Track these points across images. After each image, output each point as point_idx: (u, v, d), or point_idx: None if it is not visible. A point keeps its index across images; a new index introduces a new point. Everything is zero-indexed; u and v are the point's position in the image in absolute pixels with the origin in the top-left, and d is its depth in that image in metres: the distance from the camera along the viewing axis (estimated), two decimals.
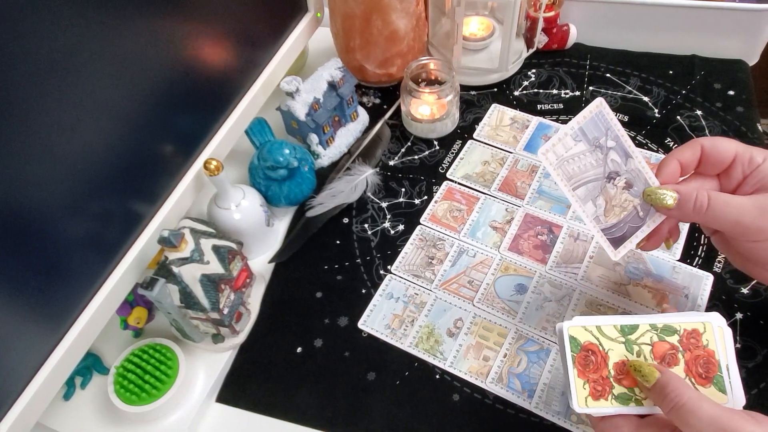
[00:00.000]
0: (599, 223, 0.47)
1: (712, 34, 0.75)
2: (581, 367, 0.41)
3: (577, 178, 0.46)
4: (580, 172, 0.46)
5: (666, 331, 0.42)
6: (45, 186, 0.40)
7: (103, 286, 0.48)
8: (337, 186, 0.65)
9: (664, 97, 0.73)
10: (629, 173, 0.47)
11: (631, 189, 0.47)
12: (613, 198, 0.47)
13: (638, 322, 0.42)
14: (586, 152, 0.47)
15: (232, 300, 0.53)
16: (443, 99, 0.69)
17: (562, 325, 0.42)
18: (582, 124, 0.46)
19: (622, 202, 0.47)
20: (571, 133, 0.46)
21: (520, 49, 0.77)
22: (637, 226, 0.48)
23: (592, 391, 0.41)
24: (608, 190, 0.47)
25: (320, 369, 0.55)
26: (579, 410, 0.40)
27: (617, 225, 0.47)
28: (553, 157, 0.46)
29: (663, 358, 0.41)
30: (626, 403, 0.41)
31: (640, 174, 0.47)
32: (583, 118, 0.46)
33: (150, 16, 0.46)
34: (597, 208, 0.47)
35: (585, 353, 0.42)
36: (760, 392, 0.51)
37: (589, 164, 0.47)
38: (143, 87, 0.47)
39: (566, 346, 0.42)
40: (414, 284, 0.60)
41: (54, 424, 0.53)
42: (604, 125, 0.47)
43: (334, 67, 0.67)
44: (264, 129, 0.65)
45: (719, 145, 0.46)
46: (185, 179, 0.55)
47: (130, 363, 0.51)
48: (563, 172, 0.46)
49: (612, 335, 0.42)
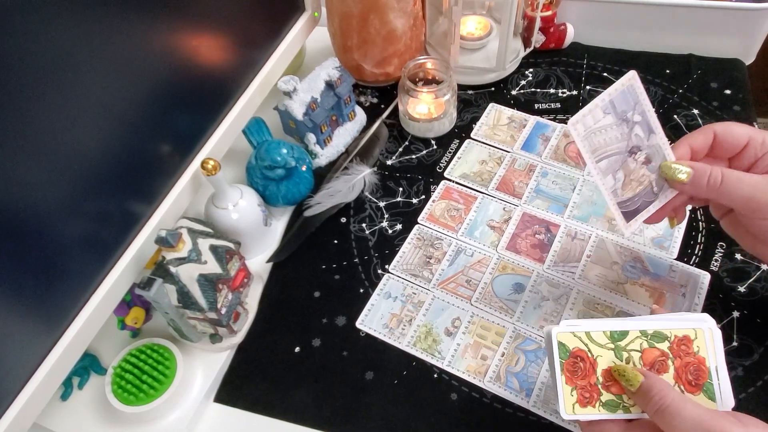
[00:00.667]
0: (616, 196, 0.48)
1: (709, 34, 0.76)
2: (569, 374, 0.41)
3: (602, 151, 0.47)
4: (605, 144, 0.47)
5: (656, 338, 0.41)
6: (42, 186, 0.40)
7: (101, 286, 0.48)
8: (334, 185, 0.65)
9: (661, 96, 0.74)
10: (650, 148, 0.48)
11: (650, 164, 0.48)
12: (632, 172, 0.47)
13: (628, 328, 0.42)
14: (613, 125, 0.47)
15: (229, 300, 0.53)
16: (441, 98, 0.69)
17: (550, 330, 0.42)
18: (613, 97, 0.46)
19: (640, 176, 0.48)
20: (601, 105, 0.46)
21: (518, 48, 0.77)
22: (649, 201, 0.48)
23: (579, 398, 0.40)
24: (628, 164, 0.47)
25: (318, 369, 0.55)
26: (566, 417, 0.40)
27: (632, 199, 0.48)
28: (581, 129, 0.46)
29: (652, 365, 0.41)
30: (614, 410, 0.40)
31: (659, 150, 0.48)
32: (614, 90, 0.46)
33: (147, 16, 0.46)
34: (616, 181, 0.47)
35: (573, 359, 0.41)
36: (757, 390, 0.51)
37: (615, 137, 0.47)
38: (140, 86, 0.47)
39: (555, 352, 0.41)
40: (412, 284, 0.60)
41: (51, 425, 0.53)
42: (633, 99, 0.47)
43: (331, 67, 0.67)
44: (261, 128, 0.65)
45: (733, 130, 0.47)
46: (183, 179, 0.55)
47: (128, 363, 0.51)
48: (589, 144, 0.46)
49: (601, 341, 0.42)
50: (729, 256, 0.59)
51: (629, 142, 0.47)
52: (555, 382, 0.41)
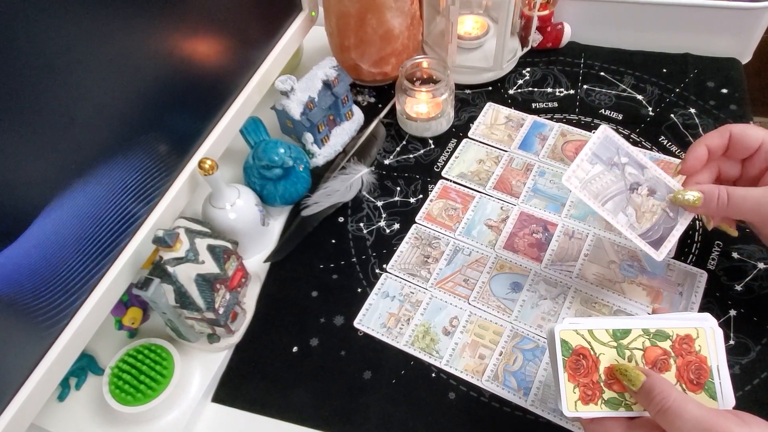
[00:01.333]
0: (634, 229, 0.51)
1: (706, 33, 0.76)
2: (572, 371, 0.41)
3: (603, 195, 0.51)
4: (604, 189, 0.51)
5: (658, 336, 0.42)
6: (39, 186, 0.40)
7: (98, 287, 0.48)
8: (332, 185, 0.65)
9: (657, 95, 0.74)
10: (648, 181, 0.52)
11: (656, 194, 0.52)
12: (641, 205, 0.51)
13: (631, 327, 0.42)
14: (605, 171, 0.51)
15: (227, 300, 0.53)
16: (438, 98, 0.69)
17: (553, 328, 0.42)
18: (594, 149, 0.52)
19: (651, 207, 0.51)
20: (586, 158, 0.51)
21: (515, 47, 0.78)
22: (671, 226, 0.51)
23: (582, 396, 0.41)
24: (634, 199, 0.51)
25: (316, 368, 0.55)
26: (569, 414, 0.40)
27: (652, 228, 0.51)
28: (576, 182, 0.51)
29: (655, 364, 0.41)
30: (616, 408, 0.40)
31: (659, 180, 0.52)
32: (593, 143, 0.52)
33: (144, 15, 0.46)
34: (628, 217, 0.51)
35: (576, 357, 0.41)
36: (754, 388, 0.51)
37: (610, 181, 0.51)
38: (137, 85, 0.47)
39: (557, 349, 0.41)
40: (410, 283, 0.60)
41: (49, 426, 0.52)
42: (613, 146, 0.52)
43: (328, 66, 0.67)
44: (259, 128, 0.65)
45: (748, 133, 0.49)
46: (180, 179, 0.55)
47: (125, 363, 0.51)
48: (589, 192, 0.51)
49: (604, 339, 0.42)
50: (726, 255, 0.59)
51: (626, 181, 0.51)
52: (557, 379, 0.41)
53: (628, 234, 0.51)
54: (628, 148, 0.52)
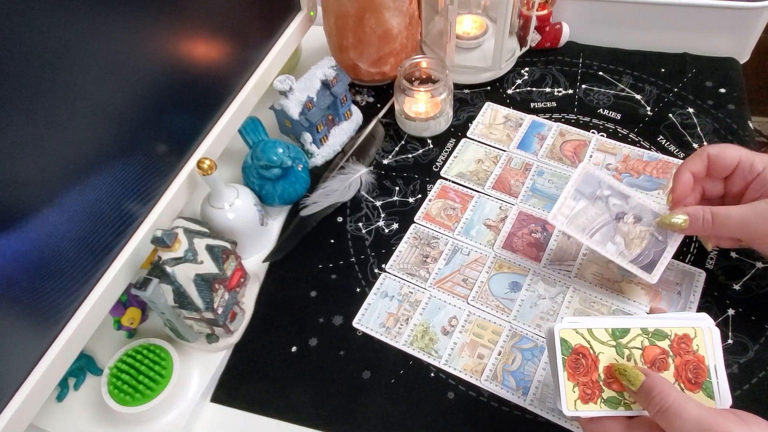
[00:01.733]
0: (625, 257, 0.53)
1: (704, 32, 0.76)
2: (571, 370, 0.41)
3: (590, 228, 0.54)
4: (590, 222, 0.54)
5: (657, 336, 0.42)
6: (37, 186, 0.40)
7: (96, 287, 0.48)
8: (331, 185, 0.65)
9: (656, 95, 0.74)
10: (633, 209, 0.54)
11: (642, 221, 0.54)
12: (629, 233, 0.53)
13: (630, 326, 0.42)
14: (589, 206, 0.55)
15: (226, 300, 0.53)
16: (437, 97, 0.69)
17: (553, 327, 0.42)
18: (576, 186, 0.55)
19: (639, 233, 0.53)
20: (569, 195, 0.55)
21: (513, 47, 0.78)
22: (661, 249, 0.53)
23: (581, 395, 0.41)
24: (621, 228, 0.54)
25: (315, 368, 0.55)
26: (568, 414, 0.40)
27: (642, 253, 0.53)
28: (562, 219, 0.54)
29: (653, 363, 0.41)
30: (615, 407, 0.41)
31: (644, 207, 0.54)
32: (575, 180, 0.55)
33: (142, 15, 0.46)
34: (617, 245, 0.53)
35: (575, 356, 0.41)
36: (752, 387, 0.51)
37: (595, 213, 0.54)
38: (136, 86, 0.47)
39: (557, 348, 0.42)
40: (408, 283, 0.60)
41: (47, 426, 0.52)
42: (595, 181, 0.55)
43: (327, 66, 0.67)
44: (257, 128, 0.65)
45: (724, 153, 0.50)
46: (178, 179, 0.55)
47: (124, 363, 0.51)
48: (575, 227, 0.54)
49: (603, 338, 0.42)
50: (724, 254, 0.59)
51: (611, 212, 0.54)
52: (557, 378, 0.41)
53: (618, 262, 0.53)
54: (610, 181, 0.55)
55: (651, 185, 0.64)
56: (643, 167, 0.66)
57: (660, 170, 0.66)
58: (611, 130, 0.70)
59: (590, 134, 0.70)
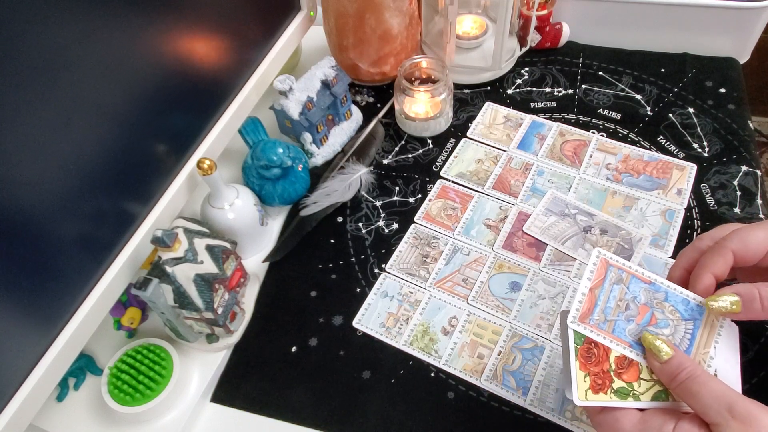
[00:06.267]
0: None
1: (704, 32, 0.76)
2: (584, 360, 0.41)
3: (561, 237, 0.60)
4: (561, 232, 0.61)
5: None
6: (37, 186, 0.40)
7: (96, 287, 0.48)
8: (331, 185, 0.65)
9: (656, 94, 0.74)
10: (599, 224, 0.60)
11: (607, 233, 0.59)
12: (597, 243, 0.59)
13: None
14: (559, 220, 0.61)
15: (226, 300, 0.53)
16: (437, 97, 0.69)
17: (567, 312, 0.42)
18: (547, 205, 0.62)
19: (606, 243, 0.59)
20: (541, 212, 0.62)
21: (513, 47, 0.78)
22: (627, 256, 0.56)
23: (592, 384, 0.41)
24: (589, 238, 0.60)
25: (315, 368, 0.55)
26: (579, 403, 0.40)
27: None
28: (536, 229, 0.61)
29: None
30: (624, 398, 0.41)
31: (607, 222, 0.59)
32: (546, 201, 0.63)
33: (142, 15, 0.46)
34: (588, 251, 0.58)
35: (588, 346, 0.41)
36: (752, 387, 0.51)
37: (565, 226, 0.61)
38: (136, 86, 0.47)
39: (570, 338, 0.42)
40: (408, 283, 0.60)
41: (47, 426, 0.52)
42: (562, 203, 0.62)
43: (327, 66, 0.67)
44: (257, 128, 0.65)
45: (749, 244, 0.42)
46: (178, 179, 0.55)
47: (124, 364, 0.51)
48: (548, 236, 0.60)
49: None
50: None
51: (579, 226, 0.60)
52: (569, 368, 0.41)
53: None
54: (576, 203, 0.61)
55: (651, 185, 0.64)
56: (643, 167, 0.66)
57: (660, 170, 0.66)
58: (611, 130, 0.70)
59: (590, 134, 0.70)
